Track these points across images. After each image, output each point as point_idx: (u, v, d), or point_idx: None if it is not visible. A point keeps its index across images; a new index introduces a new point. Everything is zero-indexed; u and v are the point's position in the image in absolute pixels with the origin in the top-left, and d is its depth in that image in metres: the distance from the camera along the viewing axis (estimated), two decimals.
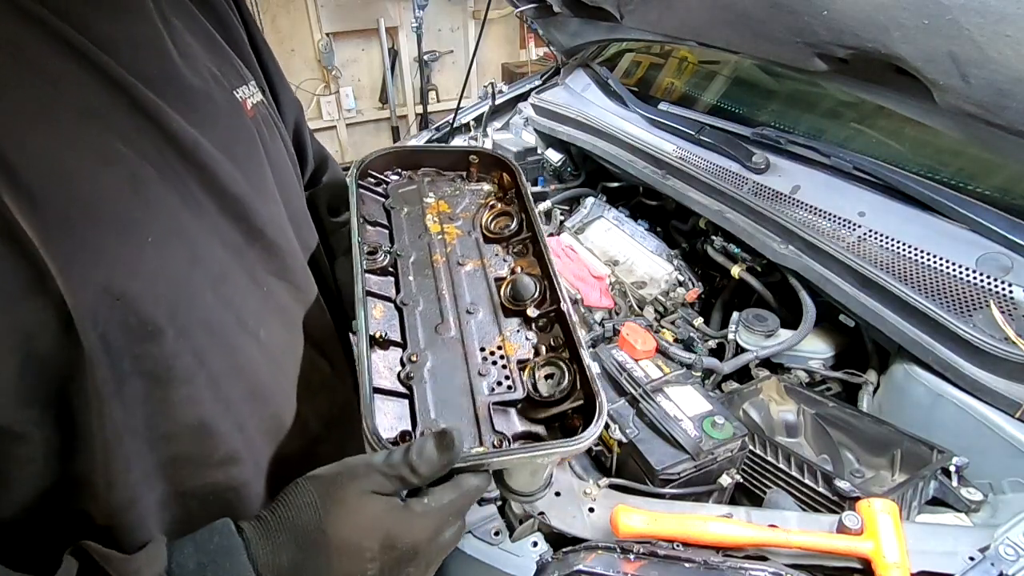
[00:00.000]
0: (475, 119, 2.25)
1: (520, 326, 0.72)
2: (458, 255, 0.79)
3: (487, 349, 0.68)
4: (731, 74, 1.72)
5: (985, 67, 0.80)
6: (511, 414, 0.63)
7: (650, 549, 0.76)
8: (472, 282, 0.76)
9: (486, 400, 0.63)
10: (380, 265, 0.73)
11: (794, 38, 1.06)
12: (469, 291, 0.75)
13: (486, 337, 0.69)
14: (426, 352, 0.66)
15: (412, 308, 0.71)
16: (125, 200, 0.46)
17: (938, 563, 0.73)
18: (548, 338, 0.71)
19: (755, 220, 1.31)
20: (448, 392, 0.63)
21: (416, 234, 0.79)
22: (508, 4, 1.91)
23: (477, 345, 0.68)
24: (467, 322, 0.70)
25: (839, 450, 1.03)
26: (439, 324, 0.69)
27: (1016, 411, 0.89)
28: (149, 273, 0.47)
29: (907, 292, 1.01)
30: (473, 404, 0.62)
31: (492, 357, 0.68)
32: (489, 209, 0.85)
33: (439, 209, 0.83)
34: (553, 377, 0.66)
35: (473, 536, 0.89)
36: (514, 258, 0.80)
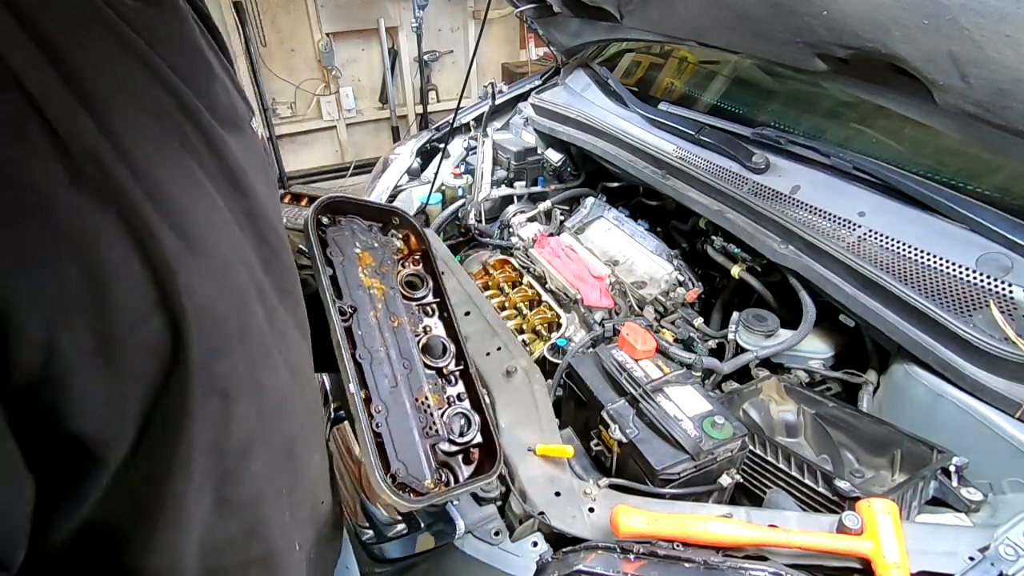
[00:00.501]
0: (475, 119, 2.25)
1: (437, 378, 0.92)
2: (389, 312, 0.94)
3: (418, 400, 0.87)
4: (731, 74, 1.72)
5: (985, 67, 0.80)
6: (436, 450, 0.85)
7: (650, 549, 0.76)
8: (400, 338, 0.92)
9: (424, 442, 0.83)
10: (347, 325, 0.88)
11: (794, 38, 1.06)
12: (400, 346, 0.91)
13: (416, 388, 0.88)
14: (384, 404, 0.83)
15: (368, 363, 0.86)
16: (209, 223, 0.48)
17: (938, 563, 0.73)
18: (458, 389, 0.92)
19: (755, 220, 1.31)
20: (401, 435, 0.82)
21: (355, 287, 0.93)
22: (508, 4, 1.91)
23: (412, 396, 0.87)
24: (403, 376, 0.88)
25: (839, 450, 1.03)
26: (388, 378, 0.86)
27: (1016, 411, 0.89)
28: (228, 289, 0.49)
29: (907, 292, 1.01)
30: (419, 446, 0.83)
31: (422, 406, 0.87)
32: (402, 266, 1.01)
33: (366, 262, 0.97)
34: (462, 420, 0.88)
35: (473, 536, 0.89)
36: (424, 317, 0.98)
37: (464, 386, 0.92)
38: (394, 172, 2.15)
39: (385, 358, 0.87)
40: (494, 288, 1.61)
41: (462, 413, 0.88)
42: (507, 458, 0.98)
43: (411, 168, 2.15)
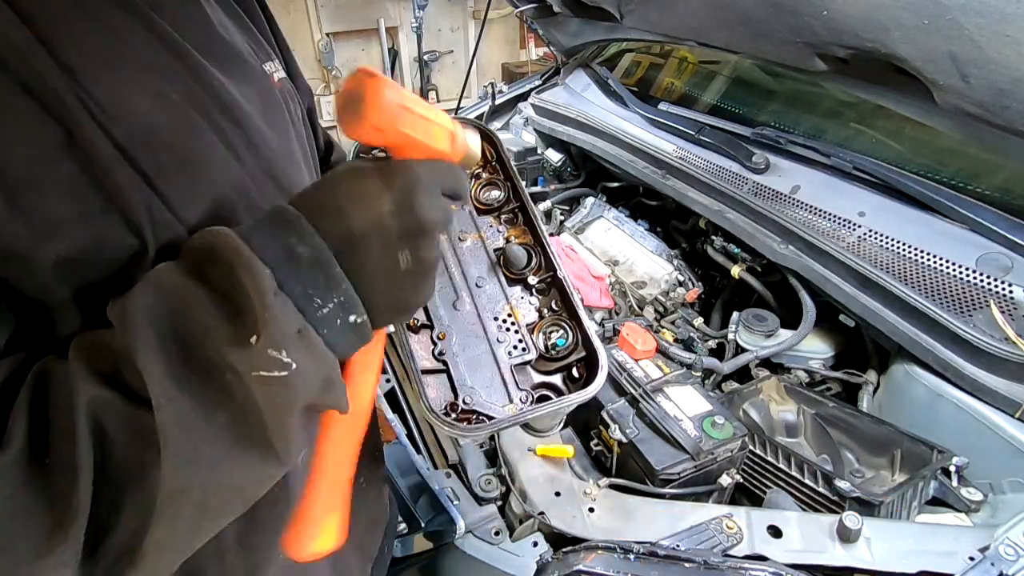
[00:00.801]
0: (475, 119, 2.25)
1: (523, 292, 0.80)
2: (457, 230, 0.84)
3: (499, 317, 0.76)
4: (731, 74, 1.72)
5: (985, 67, 0.80)
6: (528, 371, 0.73)
7: (650, 549, 0.76)
8: (475, 255, 0.82)
9: (507, 363, 0.72)
10: None
11: (794, 38, 1.06)
12: (474, 265, 0.81)
13: (496, 306, 0.77)
14: (450, 327, 0.74)
15: None
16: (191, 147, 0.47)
17: (938, 563, 0.73)
18: (549, 301, 0.79)
19: (755, 220, 1.31)
20: (475, 360, 0.72)
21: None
22: (508, 4, 1.91)
23: (490, 315, 0.76)
24: (478, 295, 0.78)
25: (839, 450, 1.03)
26: (456, 300, 0.76)
27: (1016, 411, 0.89)
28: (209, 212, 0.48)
29: (907, 292, 1.01)
30: (498, 368, 0.71)
31: (505, 324, 0.76)
32: (475, 179, 0.89)
33: None
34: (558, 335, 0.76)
35: (474, 536, 0.89)
36: (507, 227, 0.86)
37: (558, 294, 0.80)
38: None
39: (449, 280, 0.78)
40: None
41: (556, 326, 0.77)
42: (507, 458, 0.98)
43: None
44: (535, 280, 0.79)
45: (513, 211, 0.86)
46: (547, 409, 0.68)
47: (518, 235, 0.84)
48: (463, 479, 1.02)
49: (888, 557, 0.75)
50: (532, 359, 0.73)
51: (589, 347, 0.74)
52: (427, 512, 0.95)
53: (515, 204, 0.86)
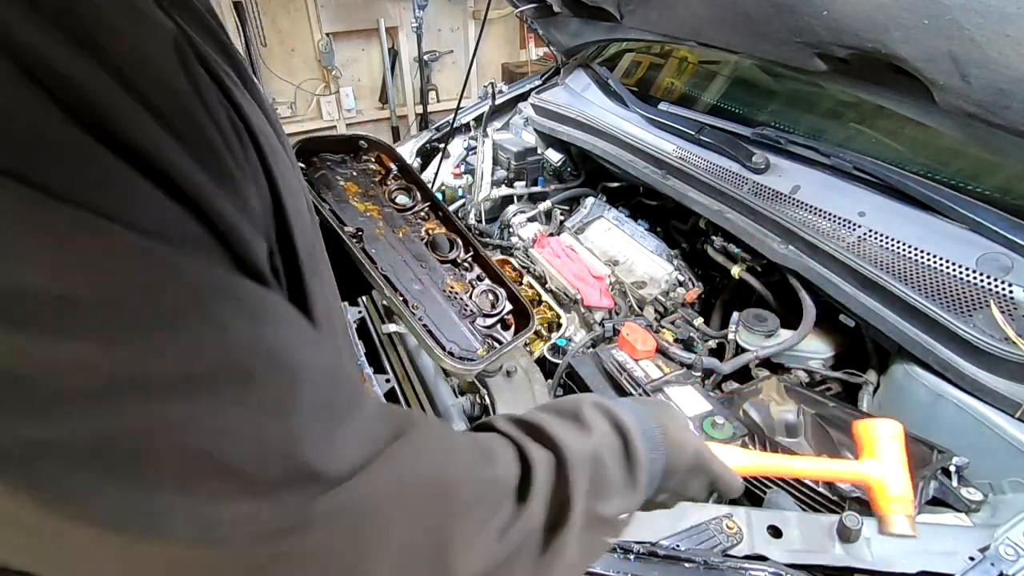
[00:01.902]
0: (475, 119, 2.25)
1: (454, 268, 1.04)
2: (390, 226, 1.04)
3: (445, 291, 1.00)
4: (731, 74, 1.72)
5: (985, 67, 0.80)
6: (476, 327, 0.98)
7: (650, 549, 0.76)
8: (410, 245, 1.03)
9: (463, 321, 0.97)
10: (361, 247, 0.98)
11: (794, 38, 1.06)
12: (412, 251, 1.02)
13: (440, 282, 1.01)
14: (420, 300, 0.96)
15: (392, 273, 0.97)
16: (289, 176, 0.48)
17: (938, 563, 0.73)
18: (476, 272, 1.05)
19: (755, 220, 1.31)
20: (443, 322, 0.95)
21: (353, 215, 1.03)
22: (508, 4, 1.91)
23: (440, 289, 1.00)
24: (426, 275, 1.00)
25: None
26: (415, 280, 0.99)
27: (1016, 411, 0.89)
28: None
29: (907, 292, 1.01)
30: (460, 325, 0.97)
31: (450, 294, 1.00)
32: (384, 185, 1.09)
33: (353, 191, 1.06)
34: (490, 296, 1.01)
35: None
36: (422, 222, 1.07)
37: (480, 268, 1.04)
38: None
39: (404, 266, 0.99)
40: None
41: (487, 290, 1.00)
42: None
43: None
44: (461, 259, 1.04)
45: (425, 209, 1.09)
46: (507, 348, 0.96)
47: (434, 227, 1.07)
48: None
49: (888, 557, 0.75)
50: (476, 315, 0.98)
51: (514, 300, 1.00)
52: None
53: (426, 203, 1.08)
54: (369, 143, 1.11)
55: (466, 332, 0.94)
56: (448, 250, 1.04)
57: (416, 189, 1.09)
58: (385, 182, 1.10)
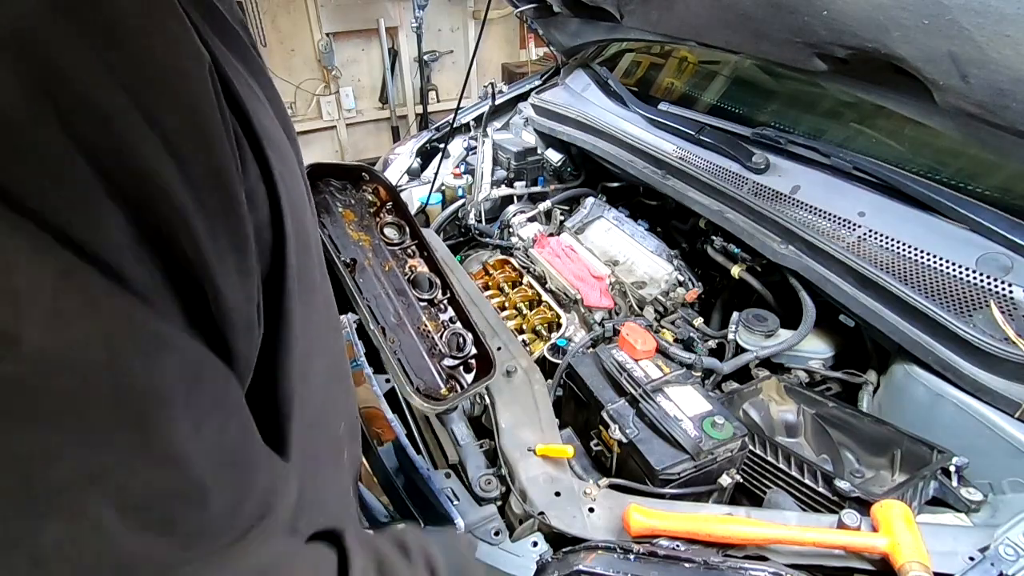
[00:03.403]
0: (475, 119, 2.25)
1: (430, 307, 1.09)
2: (378, 260, 1.10)
3: (419, 328, 1.05)
4: (731, 74, 1.72)
5: (985, 67, 0.80)
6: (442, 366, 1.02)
7: (650, 549, 0.76)
8: (393, 279, 1.08)
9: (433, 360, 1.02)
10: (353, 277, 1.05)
11: (794, 38, 1.06)
12: (394, 286, 1.07)
13: (416, 319, 1.06)
14: (396, 335, 1.02)
15: (374, 304, 1.04)
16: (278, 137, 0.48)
17: (938, 563, 0.73)
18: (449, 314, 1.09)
19: (755, 220, 1.31)
20: (414, 358, 1.01)
21: (347, 243, 1.09)
22: (508, 4, 1.91)
23: (415, 326, 1.05)
24: (404, 310, 1.06)
25: (839, 450, 1.03)
26: (394, 316, 1.04)
27: (1016, 411, 0.89)
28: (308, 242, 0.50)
29: (907, 292, 1.01)
30: (428, 364, 1.01)
31: (423, 332, 1.05)
32: (378, 217, 1.15)
33: (349, 218, 1.12)
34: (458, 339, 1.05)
35: (473, 536, 0.89)
36: (408, 259, 1.13)
37: (454, 311, 1.08)
38: (394, 172, 2.15)
39: (386, 299, 1.05)
40: (494, 288, 1.61)
41: (456, 333, 1.05)
42: (507, 458, 0.98)
43: (411, 168, 2.15)
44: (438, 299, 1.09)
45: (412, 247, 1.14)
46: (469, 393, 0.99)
47: (416, 265, 1.13)
48: (463, 479, 1.02)
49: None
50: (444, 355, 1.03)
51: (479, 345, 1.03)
52: (427, 512, 0.95)
53: (414, 241, 1.14)
54: (370, 176, 1.17)
55: (432, 370, 1.00)
56: (427, 289, 1.09)
57: (406, 225, 1.15)
58: (379, 214, 1.16)
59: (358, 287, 1.03)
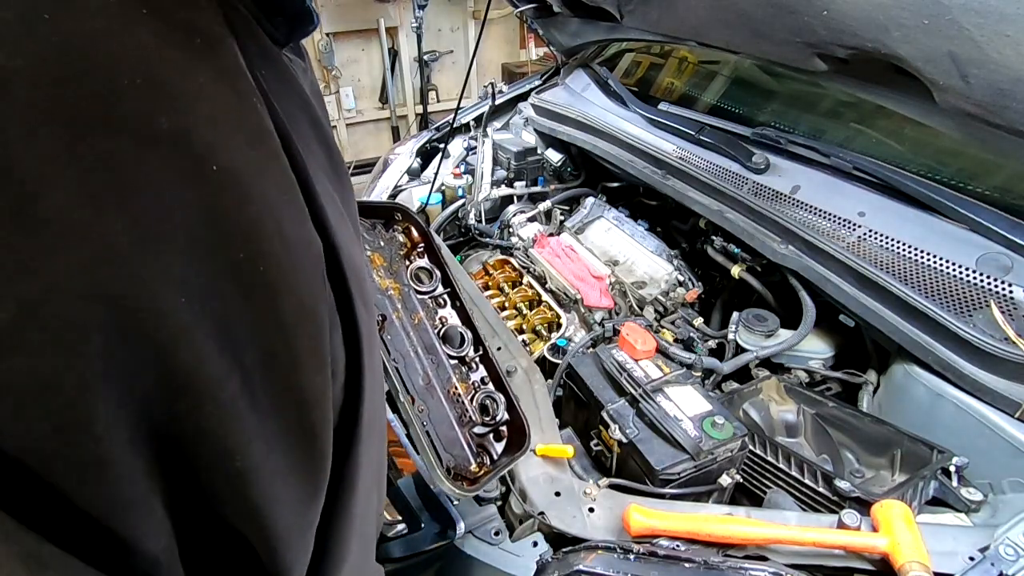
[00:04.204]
0: (475, 119, 2.25)
1: (460, 366, 0.99)
2: (408, 311, 1.00)
3: (449, 391, 0.95)
4: (731, 74, 1.72)
5: (985, 67, 0.80)
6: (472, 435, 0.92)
7: (650, 549, 0.76)
8: (423, 334, 0.99)
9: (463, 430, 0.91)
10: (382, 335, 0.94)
11: (794, 38, 1.06)
12: (424, 342, 0.98)
13: (445, 380, 0.96)
14: (425, 402, 0.91)
15: (402, 366, 0.94)
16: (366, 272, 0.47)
17: (938, 563, 0.73)
18: (480, 374, 0.99)
19: (755, 220, 1.31)
20: (444, 429, 0.90)
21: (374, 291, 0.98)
22: (508, 4, 1.91)
23: (444, 389, 0.95)
24: (433, 371, 0.95)
25: (839, 450, 1.03)
26: (423, 379, 0.94)
27: (1016, 411, 0.89)
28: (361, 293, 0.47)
29: (907, 292, 1.01)
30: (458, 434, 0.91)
31: (453, 396, 0.95)
32: (408, 260, 1.06)
33: (378, 263, 1.03)
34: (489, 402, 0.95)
35: (473, 536, 0.89)
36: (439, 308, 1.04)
37: (485, 370, 0.99)
38: (394, 172, 2.15)
39: (415, 358, 0.95)
40: (494, 288, 1.61)
41: (489, 396, 0.95)
42: None
43: (411, 168, 2.15)
44: (470, 357, 1.00)
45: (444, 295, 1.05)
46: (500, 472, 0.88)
47: (447, 317, 1.03)
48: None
49: None
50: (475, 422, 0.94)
51: (512, 412, 0.94)
52: (427, 512, 0.95)
53: (447, 289, 1.04)
54: (403, 215, 1.08)
55: (462, 441, 0.91)
56: (459, 344, 0.99)
57: (437, 271, 1.05)
58: (410, 256, 1.06)
59: (387, 347, 0.93)
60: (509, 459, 0.87)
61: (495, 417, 0.92)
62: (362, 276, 0.44)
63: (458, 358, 0.98)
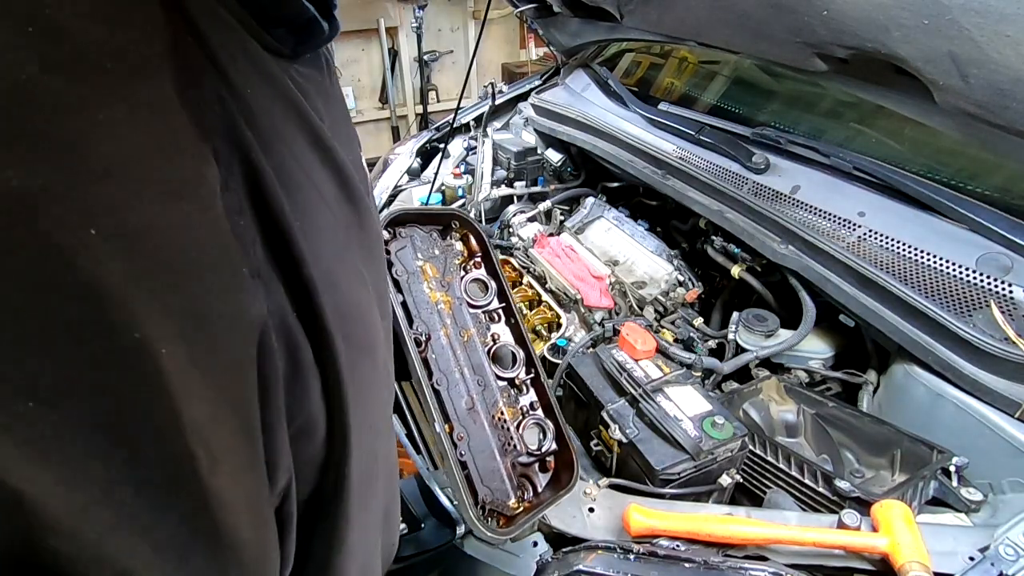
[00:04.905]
0: (475, 119, 2.25)
1: (510, 389, 0.92)
2: (459, 327, 0.93)
3: (494, 416, 0.88)
4: (731, 74, 1.72)
5: (985, 67, 0.80)
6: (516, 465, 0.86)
7: (650, 549, 0.76)
8: (472, 352, 0.92)
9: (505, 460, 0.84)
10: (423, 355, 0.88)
11: (794, 38, 1.06)
12: (472, 361, 0.91)
13: (492, 404, 0.89)
14: (465, 428, 0.85)
15: (444, 388, 0.87)
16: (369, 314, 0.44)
17: (938, 563, 0.73)
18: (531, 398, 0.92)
19: (755, 220, 1.31)
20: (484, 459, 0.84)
21: (423, 306, 0.93)
22: (508, 4, 1.91)
23: (488, 414, 0.88)
24: (479, 394, 0.88)
25: (839, 450, 1.03)
26: (467, 403, 0.87)
27: (1016, 411, 0.89)
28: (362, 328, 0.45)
29: (907, 292, 1.01)
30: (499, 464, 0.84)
31: (498, 422, 0.88)
32: (464, 270, 1.00)
33: (430, 274, 0.97)
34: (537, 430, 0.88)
35: (473, 536, 0.89)
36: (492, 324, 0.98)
37: (536, 394, 0.92)
38: (394, 172, 2.15)
39: (460, 379, 0.89)
40: None
41: (537, 423, 0.88)
42: None
43: (411, 168, 2.15)
44: (520, 380, 0.92)
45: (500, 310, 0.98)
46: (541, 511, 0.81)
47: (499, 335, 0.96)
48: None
49: None
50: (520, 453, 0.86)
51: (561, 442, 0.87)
52: (427, 512, 0.95)
53: (501, 304, 0.98)
54: (461, 222, 1.02)
55: (503, 472, 0.83)
56: (510, 365, 0.92)
57: (493, 283, 0.99)
58: (466, 267, 1.00)
59: (429, 368, 0.87)
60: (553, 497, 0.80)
61: (541, 447, 0.86)
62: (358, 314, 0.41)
63: (507, 380, 0.92)
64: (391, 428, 0.61)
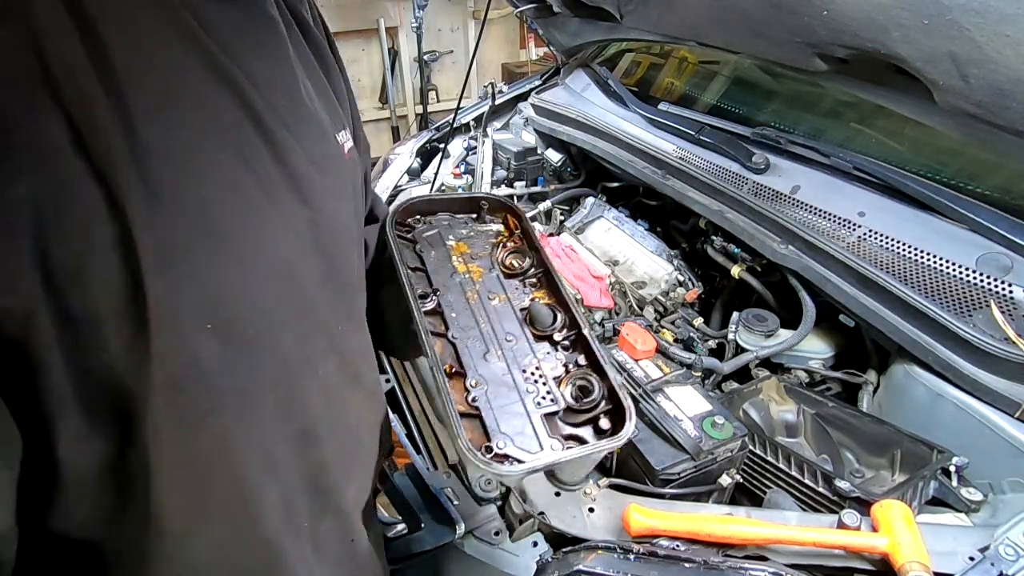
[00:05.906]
0: (475, 119, 2.25)
1: (550, 348, 0.82)
2: (487, 291, 0.87)
3: (527, 371, 0.78)
4: (731, 74, 1.72)
5: (985, 67, 0.80)
6: (557, 422, 0.72)
7: (650, 549, 0.76)
8: (503, 314, 0.85)
9: (537, 413, 0.72)
10: (429, 308, 0.82)
11: (794, 38, 1.06)
12: (502, 322, 0.83)
13: (524, 360, 0.79)
14: (482, 377, 0.76)
15: (463, 341, 0.80)
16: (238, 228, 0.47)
17: (938, 563, 0.72)
18: (575, 356, 0.80)
19: (755, 220, 1.31)
20: (506, 409, 0.73)
21: (448, 274, 0.87)
22: (508, 4, 1.91)
23: (519, 368, 0.78)
24: (507, 349, 0.80)
25: (839, 450, 1.03)
26: (486, 352, 0.79)
27: (1016, 411, 0.89)
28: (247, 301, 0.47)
29: (907, 292, 1.01)
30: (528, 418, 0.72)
31: (533, 376, 0.77)
32: (503, 247, 0.93)
33: (460, 251, 0.91)
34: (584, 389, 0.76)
35: (473, 536, 0.89)
36: (531, 290, 0.89)
37: (583, 351, 0.82)
38: (394, 172, 2.15)
39: (480, 335, 0.81)
40: None
41: (583, 378, 0.78)
42: None
43: (411, 168, 2.15)
44: (560, 337, 0.81)
45: (538, 276, 0.89)
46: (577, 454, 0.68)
47: (542, 296, 0.87)
48: (463, 479, 1.02)
49: None
50: (559, 410, 0.73)
51: (616, 399, 0.73)
52: (427, 512, 0.95)
53: (540, 270, 0.89)
54: (490, 203, 0.97)
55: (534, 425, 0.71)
56: (550, 323, 0.82)
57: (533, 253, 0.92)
58: (505, 244, 0.94)
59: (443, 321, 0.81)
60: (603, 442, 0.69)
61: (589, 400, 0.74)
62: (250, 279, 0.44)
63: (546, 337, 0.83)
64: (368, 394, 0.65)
